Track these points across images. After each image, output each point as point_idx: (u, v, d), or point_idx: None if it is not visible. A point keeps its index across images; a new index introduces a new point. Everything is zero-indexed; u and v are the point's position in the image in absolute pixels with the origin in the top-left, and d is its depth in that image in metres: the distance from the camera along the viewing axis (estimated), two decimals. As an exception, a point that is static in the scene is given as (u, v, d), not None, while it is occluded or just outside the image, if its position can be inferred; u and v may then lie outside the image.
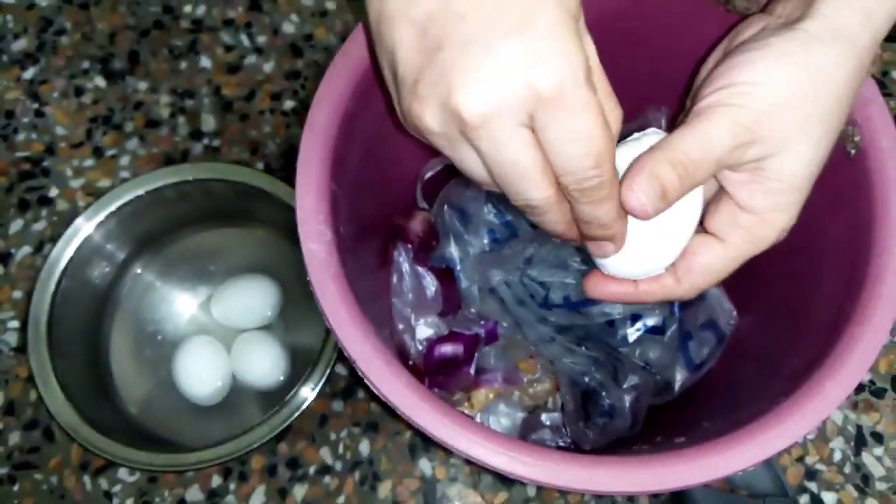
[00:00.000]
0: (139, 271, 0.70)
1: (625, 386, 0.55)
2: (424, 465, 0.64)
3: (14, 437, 0.66)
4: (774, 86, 0.32)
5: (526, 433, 0.60)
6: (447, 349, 0.59)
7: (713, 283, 0.35)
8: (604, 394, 0.55)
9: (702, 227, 0.36)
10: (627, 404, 0.54)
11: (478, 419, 0.62)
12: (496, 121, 0.29)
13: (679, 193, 0.33)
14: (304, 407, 0.58)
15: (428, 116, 0.30)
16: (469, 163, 0.32)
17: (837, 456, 0.64)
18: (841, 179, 0.43)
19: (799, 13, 0.34)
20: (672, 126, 0.53)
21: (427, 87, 0.29)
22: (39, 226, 0.73)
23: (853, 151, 0.41)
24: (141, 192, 0.65)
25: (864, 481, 0.63)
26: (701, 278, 0.35)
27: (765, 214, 0.33)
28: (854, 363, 0.37)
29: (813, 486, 0.63)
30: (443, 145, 0.31)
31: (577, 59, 0.28)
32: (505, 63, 0.28)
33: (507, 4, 0.28)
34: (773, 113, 0.32)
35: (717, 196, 0.36)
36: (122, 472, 0.65)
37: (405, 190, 0.63)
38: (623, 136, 0.53)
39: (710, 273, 0.35)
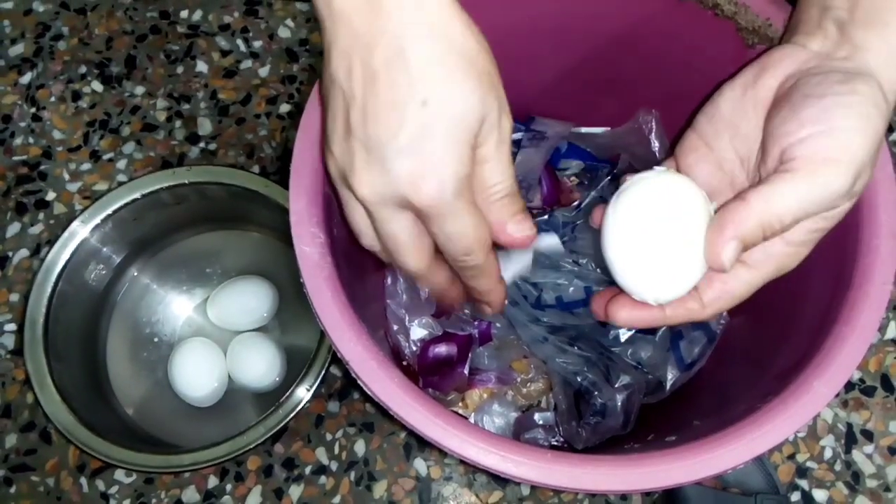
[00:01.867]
0: (136, 274, 0.71)
1: (616, 385, 0.55)
2: (419, 465, 0.64)
3: (11, 440, 0.66)
4: (859, 142, 0.33)
5: (519, 432, 0.61)
6: (441, 349, 0.60)
7: (734, 305, 0.37)
8: (596, 393, 0.56)
9: None
10: (619, 403, 0.55)
11: (472, 419, 0.62)
12: (380, 205, 0.34)
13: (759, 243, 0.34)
14: (299, 408, 0.59)
15: (332, 169, 0.36)
16: (356, 219, 0.37)
17: (828, 453, 0.64)
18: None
19: (843, 53, 0.35)
20: (666, 127, 0.53)
21: (337, 150, 0.35)
22: (36, 229, 0.73)
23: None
24: (137, 195, 0.65)
25: (854, 479, 0.63)
26: (725, 303, 0.37)
27: (799, 247, 0.35)
28: (842, 362, 0.38)
29: (804, 483, 0.63)
30: (339, 191, 0.37)
31: (452, 178, 0.33)
32: (391, 175, 0.33)
33: (404, 122, 0.32)
34: (860, 166, 0.33)
35: None
36: (119, 474, 0.65)
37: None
38: (622, 137, 0.54)
39: (735, 297, 0.37)
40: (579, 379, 0.57)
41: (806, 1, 0.39)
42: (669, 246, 0.36)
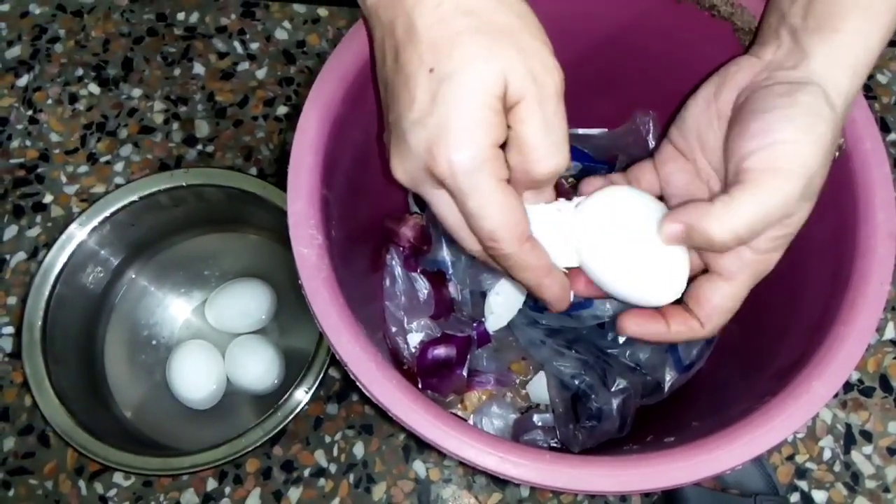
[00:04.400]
0: (133, 276, 0.70)
1: (613, 389, 0.55)
2: (418, 467, 0.64)
3: (9, 443, 0.66)
4: (799, 154, 0.33)
5: (518, 434, 0.61)
6: (440, 351, 0.60)
7: (729, 318, 0.38)
8: (593, 397, 0.56)
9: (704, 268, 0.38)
10: (615, 407, 0.55)
11: (470, 421, 0.62)
12: (419, 186, 0.33)
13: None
14: (298, 410, 0.59)
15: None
16: (433, 211, 0.35)
17: (827, 454, 0.64)
18: (826, 181, 0.43)
19: (791, 62, 0.36)
20: (663, 128, 0.53)
21: (385, 141, 0.35)
22: (34, 232, 0.73)
23: (837, 153, 0.42)
24: (135, 197, 0.65)
25: (853, 479, 0.63)
26: (719, 318, 0.37)
27: (768, 254, 0.36)
28: (840, 362, 0.38)
29: (803, 484, 0.63)
30: None
31: (469, 144, 0.31)
32: (412, 151, 0.32)
33: (416, 93, 0.31)
34: (802, 178, 0.34)
35: None
36: (118, 477, 0.65)
37: (397, 194, 0.63)
38: (619, 138, 0.54)
39: (725, 310, 0.37)
40: (576, 382, 0.57)
41: (768, 9, 0.40)
42: (652, 247, 0.37)
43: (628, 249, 0.37)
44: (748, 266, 0.36)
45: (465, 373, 0.60)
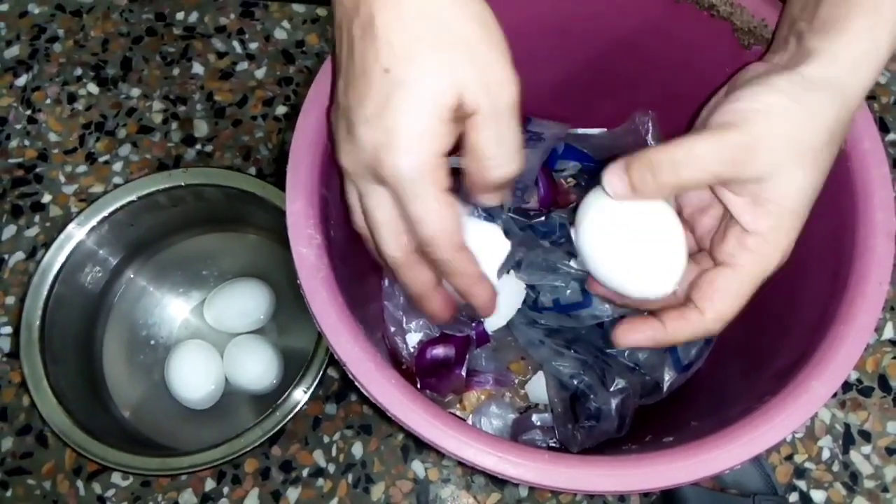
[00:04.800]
0: (132, 276, 0.70)
1: (612, 389, 0.55)
2: (417, 467, 0.64)
3: (7, 443, 0.66)
4: (773, 115, 0.34)
5: (517, 434, 0.61)
6: (439, 351, 0.60)
7: (735, 309, 0.36)
8: (592, 397, 0.56)
9: (711, 260, 0.38)
10: (614, 407, 0.55)
11: (469, 421, 0.62)
12: (359, 177, 0.35)
13: (653, 188, 0.35)
14: (296, 410, 0.59)
15: (333, 140, 0.37)
16: (349, 195, 0.37)
17: (826, 454, 0.64)
18: (825, 180, 0.43)
19: (794, 62, 0.36)
20: (663, 128, 0.54)
21: (332, 120, 0.36)
22: (32, 231, 0.73)
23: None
24: (133, 197, 0.65)
25: (852, 479, 0.63)
26: (722, 305, 0.36)
27: (767, 235, 0.35)
28: (839, 362, 0.38)
29: (802, 484, 0.63)
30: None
31: (415, 152, 0.32)
32: (359, 145, 0.33)
33: (370, 90, 0.32)
34: (770, 137, 0.34)
35: (723, 226, 0.38)
36: (116, 477, 0.65)
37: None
38: (619, 138, 0.54)
39: (729, 298, 0.36)
40: (575, 382, 0.57)
41: (781, 19, 0.41)
42: (646, 239, 0.37)
43: (623, 240, 0.38)
44: (749, 250, 0.35)
45: (463, 373, 0.60)
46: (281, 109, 0.76)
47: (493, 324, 0.60)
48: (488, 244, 0.44)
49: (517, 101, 0.34)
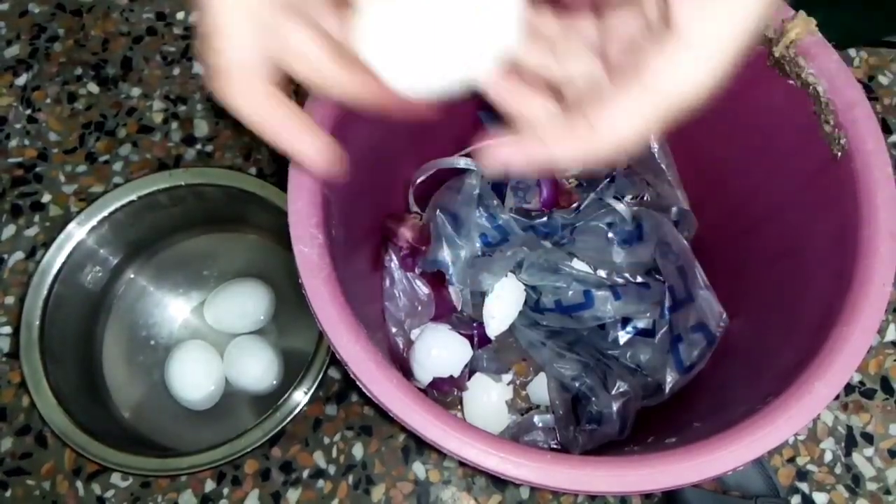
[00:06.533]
0: (132, 276, 0.70)
1: (613, 392, 0.55)
2: (418, 469, 0.64)
3: (6, 443, 0.66)
4: None
5: (518, 435, 0.60)
6: (439, 352, 0.60)
7: (635, 131, 0.27)
8: (593, 399, 0.55)
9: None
10: (615, 411, 0.55)
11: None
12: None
13: None
14: (297, 411, 0.58)
15: None
16: None
17: (828, 456, 0.64)
18: (827, 181, 0.43)
19: None
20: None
21: None
22: (32, 231, 0.73)
23: (839, 154, 0.42)
24: (133, 197, 0.65)
25: (854, 482, 0.63)
26: (618, 121, 0.27)
27: (696, 40, 0.25)
28: (842, 363, 0.38)
29: (804, 486, 0.63)
30: None
31: (218, 53, 0.29)
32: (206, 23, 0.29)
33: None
34: None
35: (637, 41, 0.29)
36: (115, 478, 0.65)
37: (398, 194, 0.63)
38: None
39: (627, 114, 0.26)
40: (577, 384, 0.57)
41: None
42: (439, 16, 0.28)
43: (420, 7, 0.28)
44: (667, 58, 0.25)
45: (464, 373, 0.60)
46: (282, 109, 0.76)
47: (494, 329, 0.59)
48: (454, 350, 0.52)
49: None
